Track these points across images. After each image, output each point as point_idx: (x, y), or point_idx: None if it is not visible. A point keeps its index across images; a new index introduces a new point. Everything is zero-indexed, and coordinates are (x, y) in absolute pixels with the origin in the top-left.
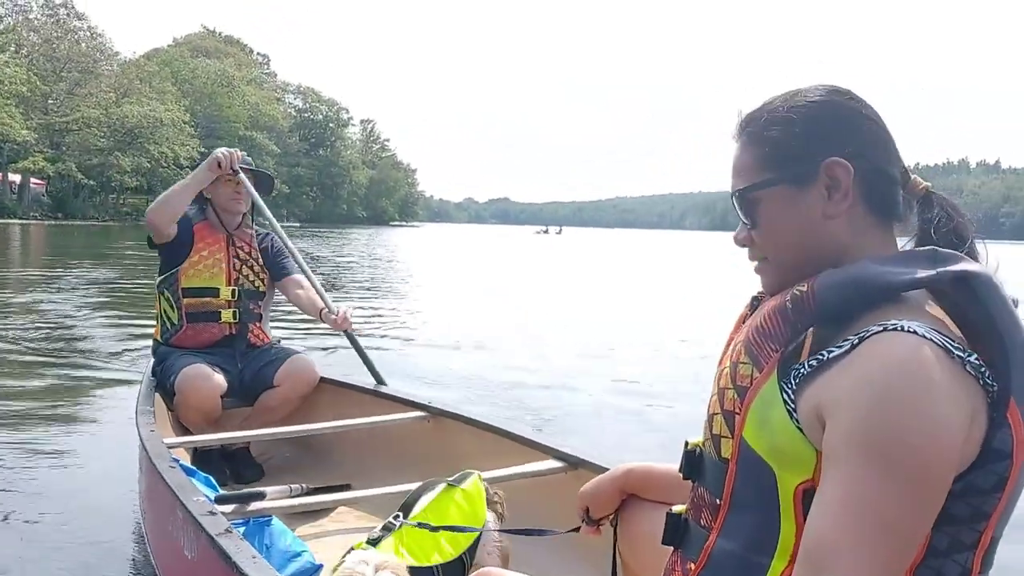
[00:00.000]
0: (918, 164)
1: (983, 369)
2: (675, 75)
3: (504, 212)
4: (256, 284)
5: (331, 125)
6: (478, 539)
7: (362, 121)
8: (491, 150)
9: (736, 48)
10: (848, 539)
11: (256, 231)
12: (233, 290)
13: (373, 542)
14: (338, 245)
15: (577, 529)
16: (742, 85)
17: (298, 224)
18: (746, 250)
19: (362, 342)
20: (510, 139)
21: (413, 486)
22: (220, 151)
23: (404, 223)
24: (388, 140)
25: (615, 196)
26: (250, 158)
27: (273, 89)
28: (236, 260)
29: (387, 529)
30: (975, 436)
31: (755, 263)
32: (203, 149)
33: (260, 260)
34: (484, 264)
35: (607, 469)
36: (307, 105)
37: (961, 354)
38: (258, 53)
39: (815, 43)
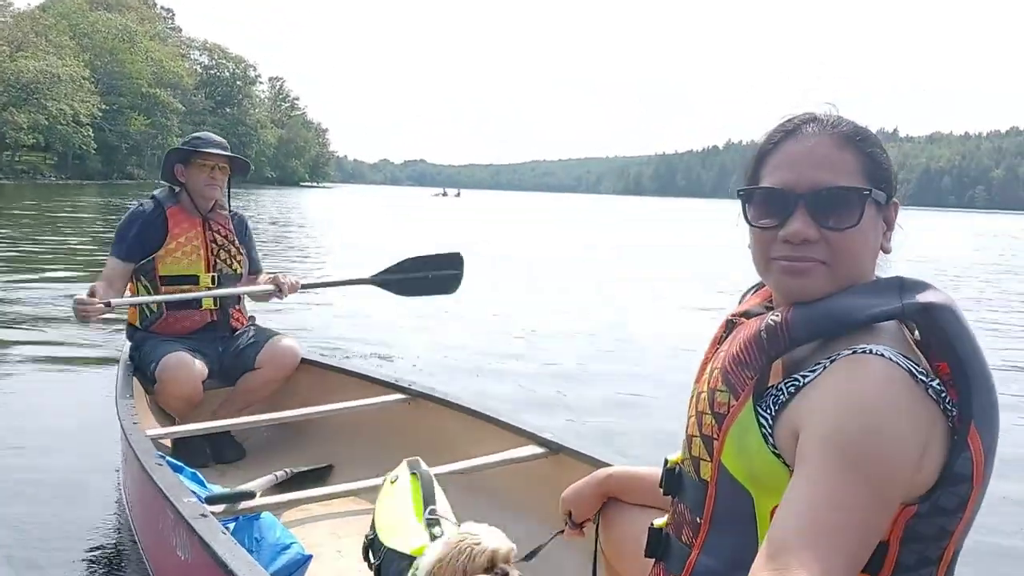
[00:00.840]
0: None
1: (944, 395)
2: (594, 42)
3: (420, 174)
4: (234, 267)
5: (238, 83)
6: None
7: (271, 79)
8: (407, 110)
9: (719, 39)
10: (815, 531)
11: (234, 214)
12: (213, 276)
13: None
14: (238, 206)
15: (561, 532)
16: (723, 69)
17: None
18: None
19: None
20: (425, 97)
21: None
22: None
23: (315, 184)
24: (298, 99)
25: (533, 160)
26: (225, 141)
27: (178, 45)
28: (214, 245)
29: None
30: (934, 458)
31: (800, 264)
32: (104, 107)
33: (236, 242)
34: (369, 227)
35: (588, 455)
36: (213, 62)
37: (924, 379)
38: (161, 7)
39: (813, 43)
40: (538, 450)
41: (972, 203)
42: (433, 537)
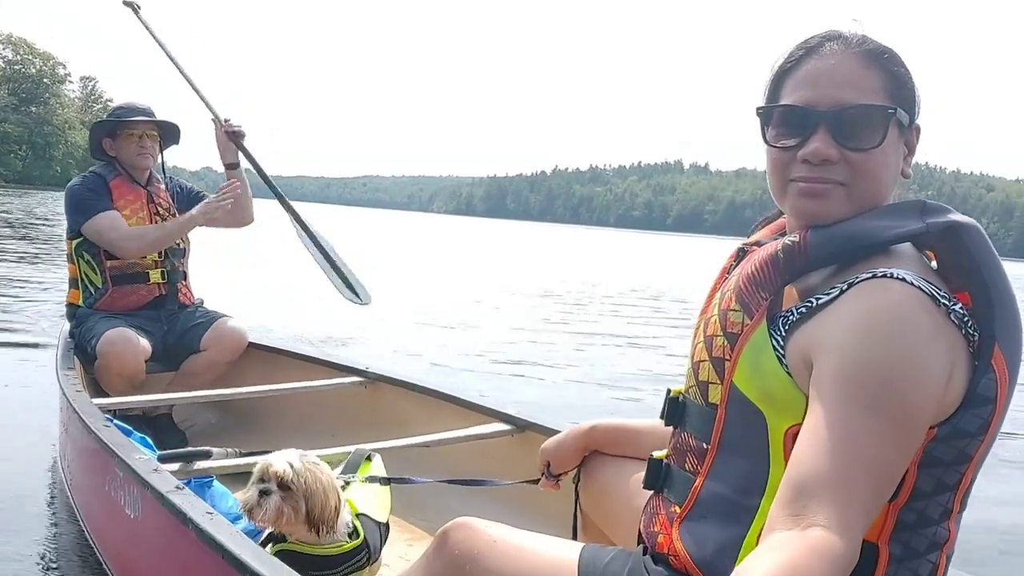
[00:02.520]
0: (640, 162)
1: (966, 318)
2: (429, 58)
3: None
4: (178, 241)
5: (45, 81)
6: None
7: (82, 78)
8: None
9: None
10: (834, 473)
11: (167, 181)
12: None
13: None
14: (45, 212)
15: (536, 481)
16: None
17: (3, 184)
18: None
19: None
20: (253, 103)
21: (351, 448)
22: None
23: None
24: (111, 100)
25: (365, 174)
26: (150, 107)
27: None
28: (158, 217)
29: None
30: (957, 383)
31: (819, 185)
32: None
33: (178, 215)
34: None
35: (556, 430)
36: (18, 57)
37: (946, 302)
38: None
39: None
40: (504, 427)
41: None
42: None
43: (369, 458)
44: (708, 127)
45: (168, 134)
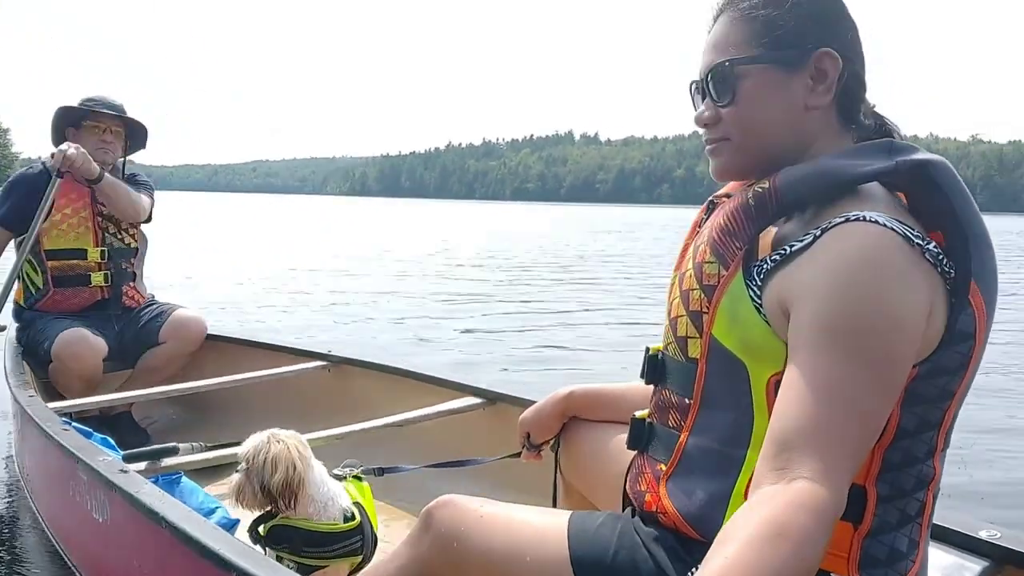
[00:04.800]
0: (532, 135)
1: (941, 256)
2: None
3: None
4: (127, 241)
5: None
6: None
7: None
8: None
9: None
10: (817, 423)
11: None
12: (102, 251)
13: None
14: None
15: (518, 455)
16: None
17: None
18: None
19: None
20: (130, 92)
21: (322, 434)
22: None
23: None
24: None
25: (254, 160)
26: (121, 104)
27: None
28: (101, 218)
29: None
30: (936, 322)
31: (711, 145)
32: None
33: None
34: None
35: (529, 400)
36: None
37: (920, 242)
38: None
39: None
40: (474, 400)
41: (659, 199)
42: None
43: (344, 478)
44: (597, 97)
45: (134, 134)
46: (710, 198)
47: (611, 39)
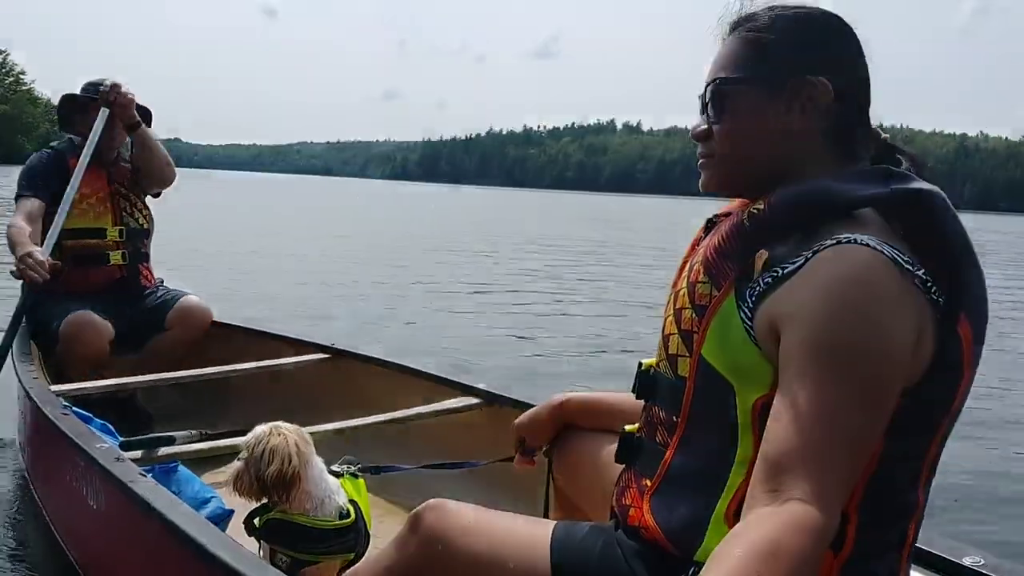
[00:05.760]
0: (574, 123)
1: (930, 284)
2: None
3: (175, 155)
4: (141, 222)
5: None
6: None
7: None
8: (160, 84)
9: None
10: (809, 446)
11: (129, 161)
12: (120, 230)
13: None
14: None
15: (511, 459)
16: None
17: None
18: None
19: None
20: (179, 71)
21: (321, 428)
22: None
23: None
24: (24, 73)
25: (299, 141)
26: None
27: None
28: (119, 197)
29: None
30: (924, 349)
31: (700, 160)
32: None
33: (142, 194)
34: None
35: (527, 403)
36: None
37: (910, 268)
38: None
39: None
40: (473, 400)
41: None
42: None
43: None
44: (642, 86)
45: (140, 116)
46: (710, 216)
47: (660, 26)
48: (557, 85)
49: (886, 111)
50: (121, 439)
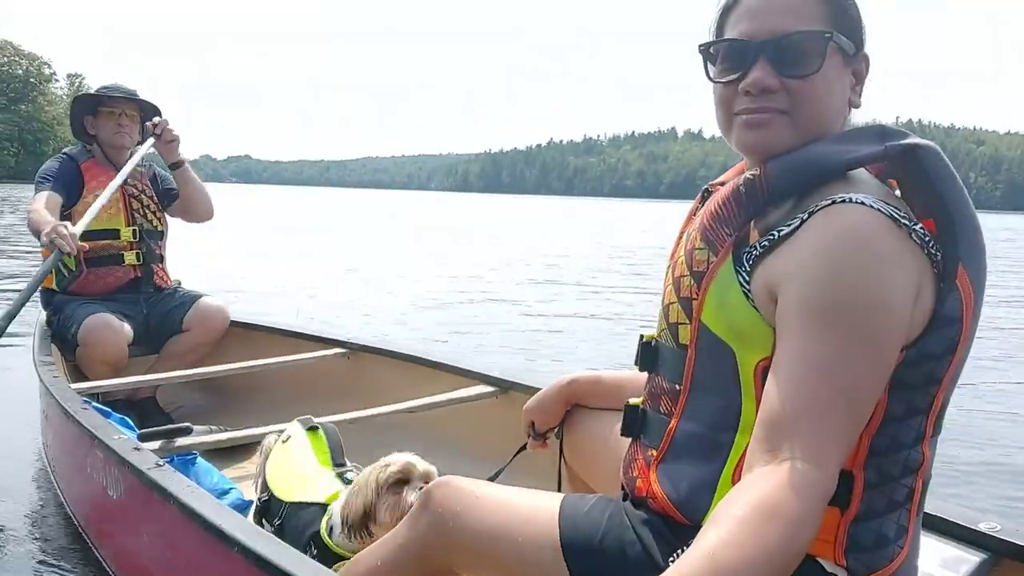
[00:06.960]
0: (633, 132)
1: (928, 239)
2: (422, 33)
3: (246, 171)
4: (154, 223)
5: (32, 80)
6: None
7: (69, 76)
8: (229, 103)
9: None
10: (807, 404)
11: (146, 165)
12: (134, 230)
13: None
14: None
15: (524, 448)
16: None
17: None
18: None
19: None
20: (249, 90)
21: (338, 418)
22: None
23: None
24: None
25: (365, 156)
26: (132, 87)
27: None
28: (132, 199)
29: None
30: (923, 304)
31: (760, 115)
32: None
33: (155, 197)
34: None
35: (538, 389)
36: (5, 59)
37: (907, 223)
38: None
39: None
40: (487, 389)
41: None
42: (347, 483)
43: (314, 428)
44: (705, 92)
45: (149, 116)
46: (705, 186)
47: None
48: (618, 94)
49: (955, 110)
50: (138, 432)
